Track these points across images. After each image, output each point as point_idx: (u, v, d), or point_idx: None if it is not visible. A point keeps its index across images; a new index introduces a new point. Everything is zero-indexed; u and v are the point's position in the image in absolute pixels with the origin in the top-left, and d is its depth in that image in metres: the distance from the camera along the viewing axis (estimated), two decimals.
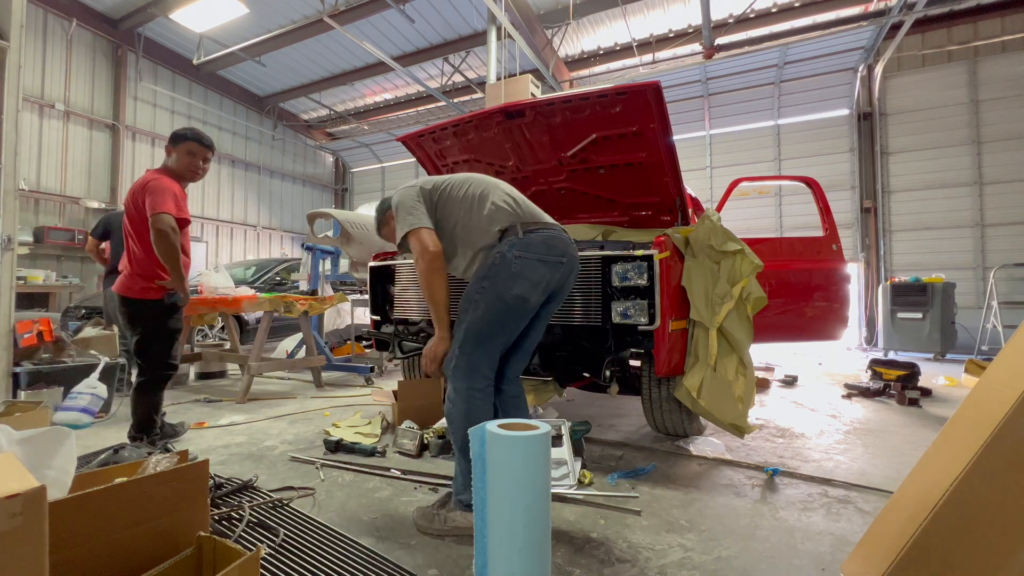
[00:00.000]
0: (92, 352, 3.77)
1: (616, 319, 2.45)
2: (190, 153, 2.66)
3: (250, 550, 1.18)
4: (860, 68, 9.08)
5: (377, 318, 3.37)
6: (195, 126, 11.71)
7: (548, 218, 1.96)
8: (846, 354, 8.00)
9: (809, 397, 4.35)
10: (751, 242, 2.92)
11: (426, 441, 2.69)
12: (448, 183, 1.98)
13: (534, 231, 1.85)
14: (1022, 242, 8.16)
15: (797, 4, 8.35)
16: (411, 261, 3.08)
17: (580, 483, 2.21)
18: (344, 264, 6.20)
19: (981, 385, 1.35)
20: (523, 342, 1.96)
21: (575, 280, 2.03)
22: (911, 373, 4.50)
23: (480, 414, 1.75)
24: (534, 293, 1.79)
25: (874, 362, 4.93)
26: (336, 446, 2.69)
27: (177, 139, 2.67)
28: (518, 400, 1.99)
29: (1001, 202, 8.33)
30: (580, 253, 2.59)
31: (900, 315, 7.39)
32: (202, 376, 5.09)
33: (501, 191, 1.95)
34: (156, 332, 2.58)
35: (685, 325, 2.57)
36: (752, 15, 8.50)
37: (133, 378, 2.80)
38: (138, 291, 2.52)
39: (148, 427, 2.60)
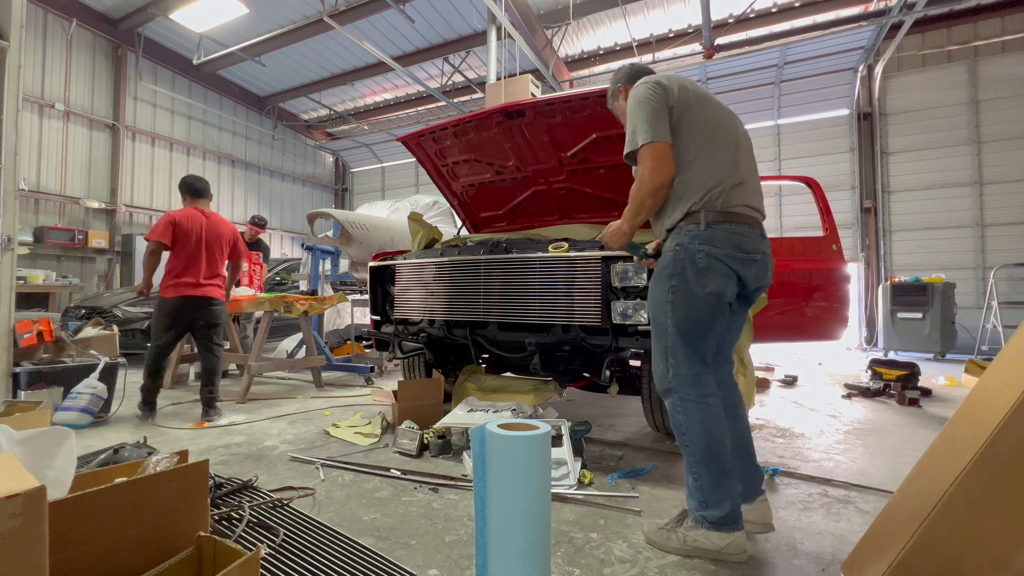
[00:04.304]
0: (92, 352, 3.77)
1: (616, 319, 2.45)
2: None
3: (250, 550, 1.18)
4: (860, 68, 9.08)
5: (377, 318, 3.38)
6: (195, 126, 11.71)
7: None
8: (846, 354, 8.00)
9: (809, 397, 4.35)
10: None
11: (426, 441, 2.69)
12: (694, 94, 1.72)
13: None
14: (1022, 242, 8.15)
15: (797, 4, 8.35)
16: (411, 261, 3.08)
17: (580, 483, 2.21)
18: (344, 264, 6.20)
19: (981, 385, 1.35)
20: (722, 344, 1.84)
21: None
22: (911, 373, 4.51)
23: (718, 419, 1.63)
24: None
25: (874, 362, 4.93)
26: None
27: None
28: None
29: (1001, 202, 8.33)
30: (580, 253, 2.60)
31: (900, 315, 7.40)
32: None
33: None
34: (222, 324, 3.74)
35: None
36: (752, 15, 8.50)
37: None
38: (223, 296, 3.73)
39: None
